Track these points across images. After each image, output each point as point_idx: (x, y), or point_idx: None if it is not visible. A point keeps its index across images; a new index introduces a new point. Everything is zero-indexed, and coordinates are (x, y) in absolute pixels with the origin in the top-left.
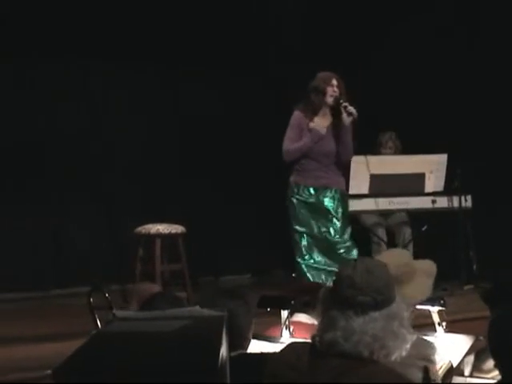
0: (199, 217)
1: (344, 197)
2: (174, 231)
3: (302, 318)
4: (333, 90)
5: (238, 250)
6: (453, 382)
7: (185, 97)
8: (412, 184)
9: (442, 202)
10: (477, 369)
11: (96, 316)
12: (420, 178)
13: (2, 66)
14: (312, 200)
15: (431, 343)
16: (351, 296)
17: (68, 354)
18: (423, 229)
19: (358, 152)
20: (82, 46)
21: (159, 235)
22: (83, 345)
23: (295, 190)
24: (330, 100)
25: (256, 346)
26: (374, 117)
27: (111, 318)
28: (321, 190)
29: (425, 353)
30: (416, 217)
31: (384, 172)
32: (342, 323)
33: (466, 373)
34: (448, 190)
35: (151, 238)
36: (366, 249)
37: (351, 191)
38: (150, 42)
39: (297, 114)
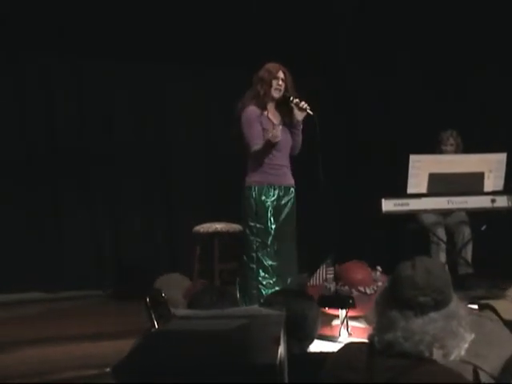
0: None
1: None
2: (231, 230)
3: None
4: (277, 83)
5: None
6: None
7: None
8: (471, 183)
9: (502, 202)
10: None
11: (153, 315)
12: (479, 177)
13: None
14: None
15: None
16: (412, 297)
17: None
18: (482, 228)
19: (417, 150)
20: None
21: (217, 234)
22: (142, 343)
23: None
24: (275, 94)
25: (315, 346)
26: (434, 115)
27: (168, 316)
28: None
29: None
30: (475, 216)
31: (443, 171)
32: (401, 324)
33: None
34: (507, 190)
35: (209, 236)
36: (424, 249)
37: (409, 190)
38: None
39: (251, 109)
